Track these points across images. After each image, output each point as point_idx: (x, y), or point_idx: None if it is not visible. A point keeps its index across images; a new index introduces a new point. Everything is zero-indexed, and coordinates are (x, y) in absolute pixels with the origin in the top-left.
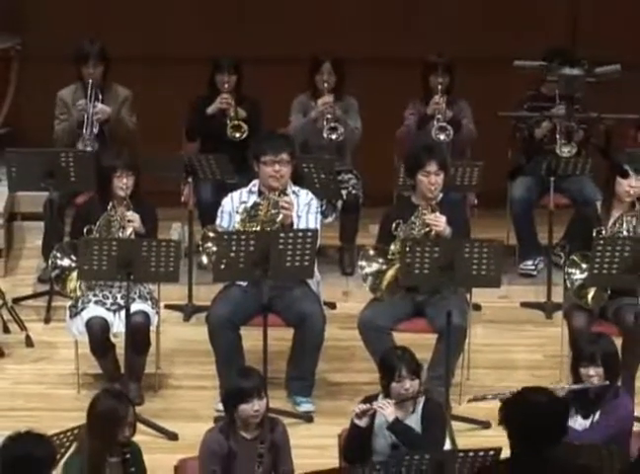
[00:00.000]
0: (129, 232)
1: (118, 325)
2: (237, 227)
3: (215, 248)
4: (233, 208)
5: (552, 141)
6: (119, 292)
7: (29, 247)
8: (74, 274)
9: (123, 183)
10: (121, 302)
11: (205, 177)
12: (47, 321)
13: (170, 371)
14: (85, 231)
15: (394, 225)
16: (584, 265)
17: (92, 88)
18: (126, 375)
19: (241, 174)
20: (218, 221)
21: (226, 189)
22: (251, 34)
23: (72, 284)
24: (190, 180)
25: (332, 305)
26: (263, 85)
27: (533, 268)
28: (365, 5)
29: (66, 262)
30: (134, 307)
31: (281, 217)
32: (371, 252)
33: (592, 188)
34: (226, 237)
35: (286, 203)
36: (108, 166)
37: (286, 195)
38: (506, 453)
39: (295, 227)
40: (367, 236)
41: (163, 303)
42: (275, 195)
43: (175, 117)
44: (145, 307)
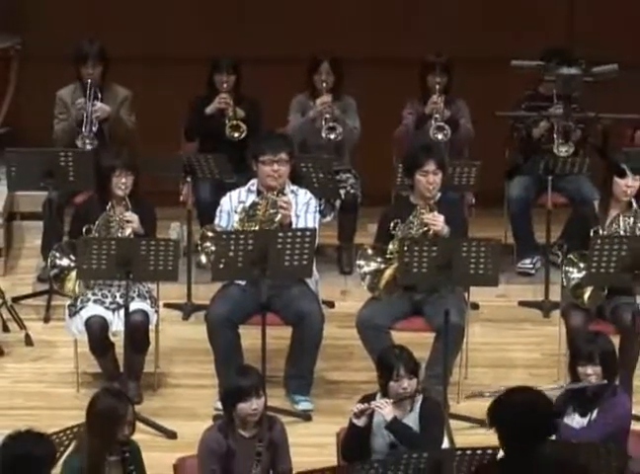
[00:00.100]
0: (128, 233)
1: (117, 324)
2: (236, 227)
3: (214, 247)
4: (232, 208)
5: (550, 141)
6: (118, 291)
7: (28, 246)
8: (73, 273)
9: (122, 182)
10: (121, 301)
11: (204, 176)
12: (47, 320)
13: (169, 370)
14: (84, 231)
15: (392, 224)
16: (581, 264)
17: (91, 87)
18: (126, 374)
19: (240, 173)
20: (217, 221)
21: (225, 188)
22: (251, 34)
23: (70, 284)
24: (188, 179)
25: (330, 304)
26: (263, 85)
27: (531, 266)
28: (365, 5)
29: (65, 261)
30: (133, 306)
31: (280, 217)
32: (370, 251)
33: (589, 187)
34: (225, 236)
35: (285, 203)
36: (107, 166)
37: (285, 194)
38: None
39: (294, 226)
40: (366, 235)
41: (162, 302)
42: (273, 194)
43: (174, 116)
44: (144, 306)
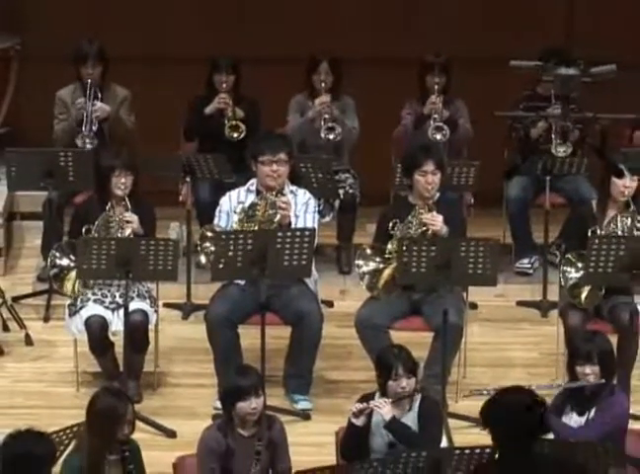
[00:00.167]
0: (128, 233)
1: (116, 323)
2: (235, 227)
3: (213, 248)
4: (231, 208)
5: (548, 141)
6: (117, 291)
7: (28, 246)
8: (72, 273)
9: (122, 182)
10: (120, 301)
11: (203, 176)
12: (47, 320)
13: (168, 369)
14: (84, 231)
15: (391, 224)
16: (579, 263)
17: (91, 87)
18: (125, 373)
19: (239, 173)
20: (216, 220)
21: (224, 188)
22: (251, 34)
23: (69, 284)
24: (188, 179)
25: (329, 304)
26: (262, 85)
27: (529, 266)
28: (365, 5)
29: (65, 261)
30: (133, 306)
31: (279, 218)
32: (368, 251)
33: (587, 187)
34: (224, 236)
35: (284, 204)
36: (106, 166)
37: (284, 195)
38: None
39: (293, 226)
40: (365, 235)
41: (161, 302)
42: (272, 195)
43: (174, 117)
44: (144, 306)
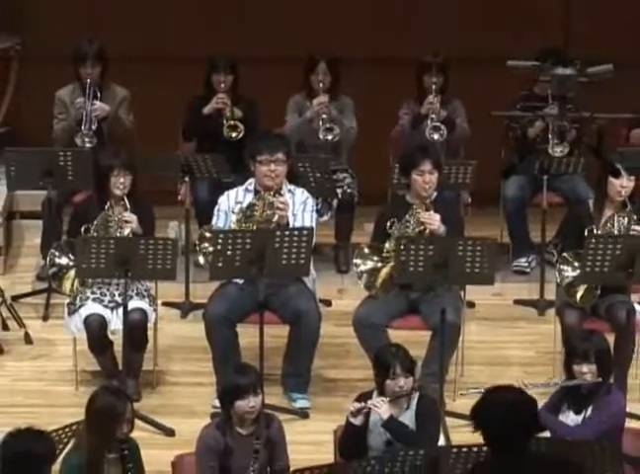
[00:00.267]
0: (127, 233)
1: (115, 322)
2: (233, 227)
3: (212, 248)
4: (229, 207)
5: (545, 141)
6: (116, 290)
7: (27, 245)
8: (71, 272)
9: (121, 182)
10: (119, 300)
11: (202, 176)
12: (46, 318)
13: (167, 368)
14: (83, 230)
15: (389, 224)
16: (576, 263)
17: (90, 87)
18: (124, 372)
19: (237, 173)
20: (215, 220)
21: (223, 188)
22: (250, 34)
23: (68, 283)
24: (186, 179)
25: (327, 303)
26: (260, 85)
27: (526, 265)
28: (365, 5)
29: (64, 260)
30: (132, 305)
31: (277, 218)
32: (366, 250)
33: (584, 186)
34: (223, 235)
35: (282, 204)
36: (105, 165)
37: (282, 195)
38: None
39: (291, 226)
40: (362, 234)
41: (160, 301)
42: (270, 195)
43: (173, 116)
44: (143, 305)
